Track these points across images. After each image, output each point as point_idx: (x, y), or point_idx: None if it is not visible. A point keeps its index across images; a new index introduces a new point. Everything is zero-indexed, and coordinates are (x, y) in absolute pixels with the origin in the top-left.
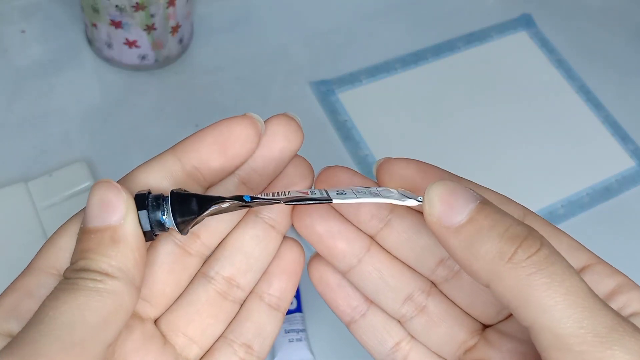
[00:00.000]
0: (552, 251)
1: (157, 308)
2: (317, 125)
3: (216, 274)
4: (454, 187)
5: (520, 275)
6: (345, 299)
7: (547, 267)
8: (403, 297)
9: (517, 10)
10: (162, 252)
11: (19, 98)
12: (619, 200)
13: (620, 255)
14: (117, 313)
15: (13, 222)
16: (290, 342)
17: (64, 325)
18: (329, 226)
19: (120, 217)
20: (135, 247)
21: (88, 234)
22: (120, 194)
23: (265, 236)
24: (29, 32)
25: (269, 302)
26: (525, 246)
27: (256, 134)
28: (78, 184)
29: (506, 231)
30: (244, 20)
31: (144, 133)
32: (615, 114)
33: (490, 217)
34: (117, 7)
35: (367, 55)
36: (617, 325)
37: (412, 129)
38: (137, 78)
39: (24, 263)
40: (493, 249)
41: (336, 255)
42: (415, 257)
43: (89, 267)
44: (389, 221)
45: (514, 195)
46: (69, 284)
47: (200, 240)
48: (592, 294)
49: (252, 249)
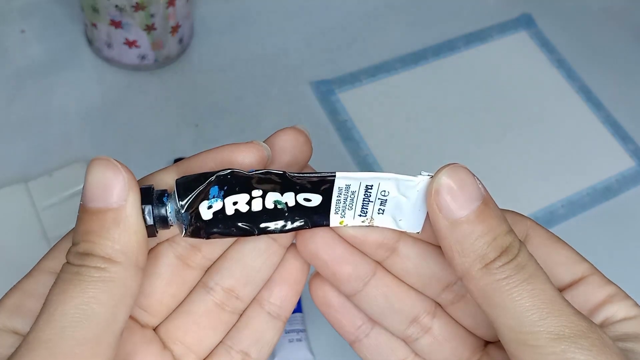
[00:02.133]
0: (525, 258)
1: (156, 317)
2: (317, 125)
3: (215, 285)
4: (463, 180)
5: (490, 280)
6: (349, 319)
7: (516, 274)
8: (409, 320)
9: (517, 10)
10: (162, 264)
11: (19, 98)
12: (619, 200)
13: (620, 254)
14: (124, 299)
15: (13, 222)
16: (290, 342)
17: (75, 321)
18: (335, 253)
19: (122, 198)
20: (137, 229)
21: (89, 214)
22: (122, 173)
23: (266, 249)
24: (29, 32)
25: (269, 310)
26: (503, 256)
27: (261, 162)
28: (78, 184)
29: (494, 240)
30: (244, 20)
31: (144, 133)
32: (615, 114)
33: (486, 222)
34: (117, 7)
35: (367, 55)
36: (571, 324)
37: (412, 129)
38: (137, 78)
39: (24, 263)
40: (477, 252)
41: (341, 280)
42: (422, 283)
43: (93, 252)
44: (395, 250)
45: (514, 195)
46: (74, 274)
47: (202, 253)
48: (554, 296)
49: (252, 261)
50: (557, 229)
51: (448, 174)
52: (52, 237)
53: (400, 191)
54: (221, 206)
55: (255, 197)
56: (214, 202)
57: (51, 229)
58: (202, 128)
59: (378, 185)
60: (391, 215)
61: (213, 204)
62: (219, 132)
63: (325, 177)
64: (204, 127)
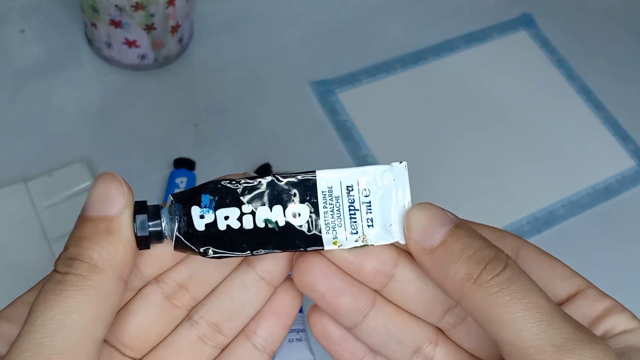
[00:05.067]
0: (516, 271)
1: (140, 353)
2: (317, 125)
3: (200, 319)
4: (430, 211)
5: (484, 295)
6: (350, 352)
7: (509, 286)
8: (411, 350)
9: (517, 10)
10: (150, 304)
11: (19, 98)
12: (619, 200)
13: (620, 254)
14: (104, 309)
15: (13, 222)
16: (290, 342)
17: (53, 330)
18: (331, 284)
19: (119, 209)
20: (127, 240)
21: (85, 221)
22: (122, 188)
23: (253, 285)
24: (29, 32)
25: (254, 342)
26: (490, 268)
27: None
28: (78, 184)
29: (474, 254)
30: (244, 20)
31: (144, 133)
32: (615, 114)
33: (461, 240)
34: (116, 6)
35: (367, 55)
36: (574, 336)
37: (412, 129)
38: (136, 78)
39: (23, 263)
40: (461, 270)
41: (340, 313)
42: (423, 308)
43: (79, 257)
44: (393, 275)
45: (514, 195)
46: (56, 284)
47: (189, 294)
48: (552, 309)
49: (239, 296)
50: (557, 229)
51: (414, 210)
52: (51, 237)
53: (378, 185)
54: (213, 219)
55: (245, 213)
56: (206, 213)
57: (51, 228)
58: (202, 128)
59: (357, 183)
60: (381, 225)
61: (205, 214)
62: (219, 132)
63: (307, 178)
64: (204, 127)
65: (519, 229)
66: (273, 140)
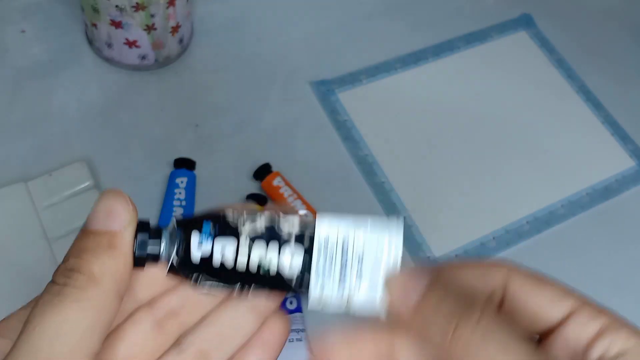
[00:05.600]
0: (490, 321)
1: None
2: (317, 125)
3: (189, 346)
4: (402, 280)
5: (461, 348)
6: None
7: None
8: None
9: (517, 10)
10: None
11: (19, 98)
12: (619, 200)
13: (619, 254)
14: (99, 323)
15: (13, 222)
16: (290, 342)
17: (47, 340)
18: None
19: (122, 225)
20: (127, 257)
21: (88, 234)
22: (127, 205)
23: (243, 315)
24: (29, 32)
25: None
26: (462, 324)
27: None
28: (78, 184)
29: (447, 314)
30: (244, 20)
31: (144, 133)
32: (615, 114)
33: (433, 300)
34: (117, 7)
35: (367, 55)
36: None
37: (412, 129)
38: (137, 78)
39: (23, 262)
40: (438, 331)
41: None
42: None
43: (80, 269)
44: (393, 355)
45: (514, 195)
46: (54, 295)
47: (179, 319)
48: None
49: (229, 325)
50: (556, 229)
51: (389, 281)
52: (51, 237)
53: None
54: (210, 248)
55: (242, 246)
56: (205, 240)
57: (51, 228)
58: (202, 128)
59: (353, 240)
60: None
61: (203, 241)
62: (219, 132)
63: (307, 222)
64: (204, 127)
65: (519, 229)
66: (273, 140)
